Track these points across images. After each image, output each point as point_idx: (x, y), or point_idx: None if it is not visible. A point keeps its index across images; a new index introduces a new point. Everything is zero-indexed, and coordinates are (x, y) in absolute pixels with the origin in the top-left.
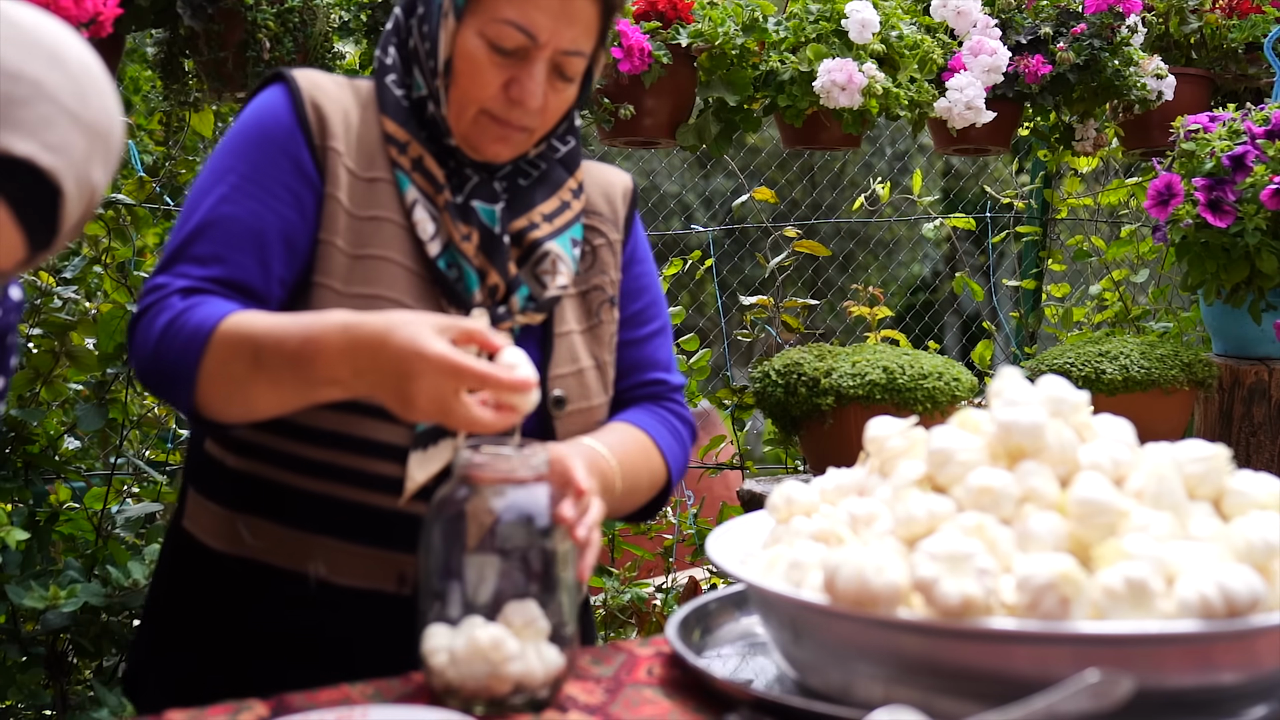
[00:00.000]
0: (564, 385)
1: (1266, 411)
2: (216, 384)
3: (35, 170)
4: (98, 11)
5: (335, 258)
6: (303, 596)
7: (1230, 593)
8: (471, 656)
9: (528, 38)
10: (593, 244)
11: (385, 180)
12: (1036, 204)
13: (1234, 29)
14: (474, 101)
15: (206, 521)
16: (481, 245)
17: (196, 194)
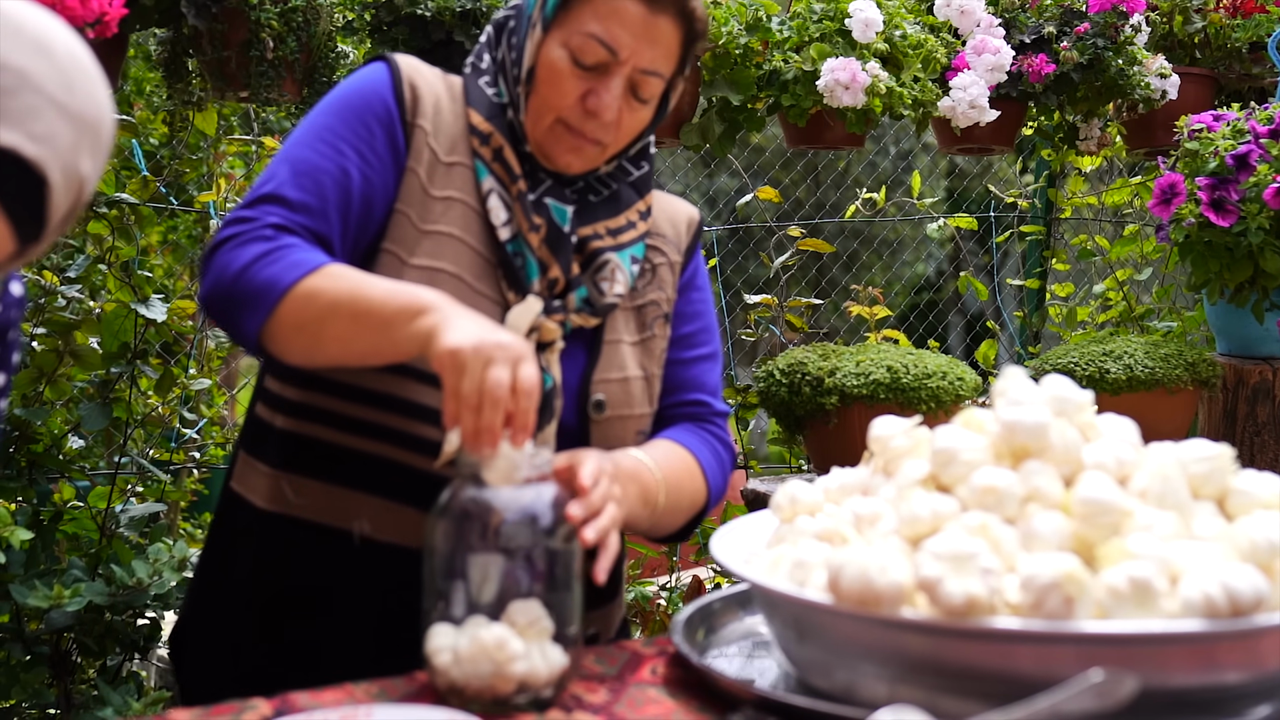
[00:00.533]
0: (606, 390)
1: (1270, 411)
2: (298, 311)
3: (20, 160)
4: (103, 11)
5: (405, 229)
6: (345, 552)
7: (1234, 592)
8: (476, 656)
9: (609, 52)
10: (653, 262)
11: (464, 165)
12: (1040, 203)
13: (1238, 28)
14: (551, 110)
15: (253, 481)
16: (548, 238)
17: (292, 145)
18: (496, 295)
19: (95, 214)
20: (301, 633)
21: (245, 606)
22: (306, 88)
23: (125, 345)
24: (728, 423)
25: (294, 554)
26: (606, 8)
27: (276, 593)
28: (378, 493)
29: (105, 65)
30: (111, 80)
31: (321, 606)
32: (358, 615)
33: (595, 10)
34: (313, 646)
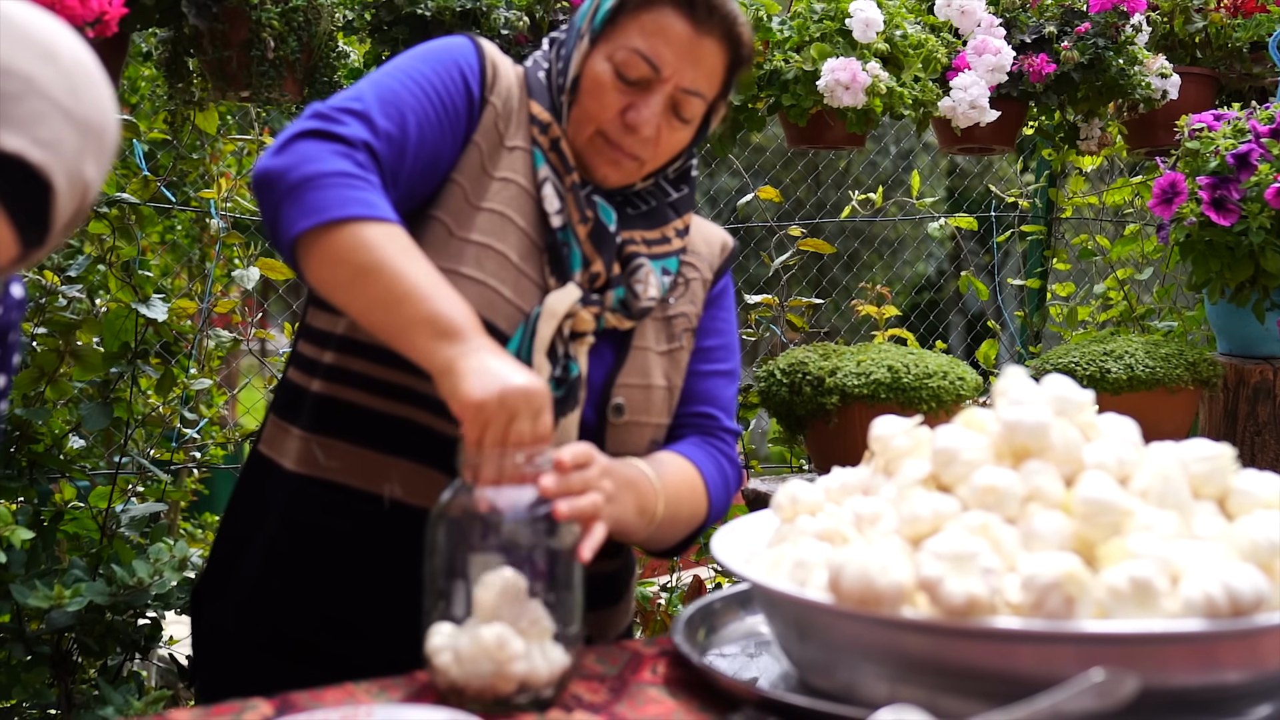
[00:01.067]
0: (627, 395)
1: (1271, 411)
2: (344, 247)
3: (25, 166)
4: (103, 11)
5: (459, 201)
6: (374, 515)
7: (1235, 592)
8: (477, 655)
9: (651, 68)
10: (686, 276)
11: (524, 150)
12: (1041, 203)
13: (1239, 28)
14: (592, 120)
15: (284, 444)
16: (593, 234)
17: (383, 75)
18: (539, 279)
19: (95, 214)
20: (326, 596)
21: (270, 566)
22: (307, 88)
23: (126, 345)
24: (736, 441)
25: (322, 516)
26: (653, 24)
27: (303, 554)
28: (409, 456)
29: (105, 65)
30: (112, 80)
31: (348, 569)
32: (384, 577)
33: (641, 26)
34: (337, 608)
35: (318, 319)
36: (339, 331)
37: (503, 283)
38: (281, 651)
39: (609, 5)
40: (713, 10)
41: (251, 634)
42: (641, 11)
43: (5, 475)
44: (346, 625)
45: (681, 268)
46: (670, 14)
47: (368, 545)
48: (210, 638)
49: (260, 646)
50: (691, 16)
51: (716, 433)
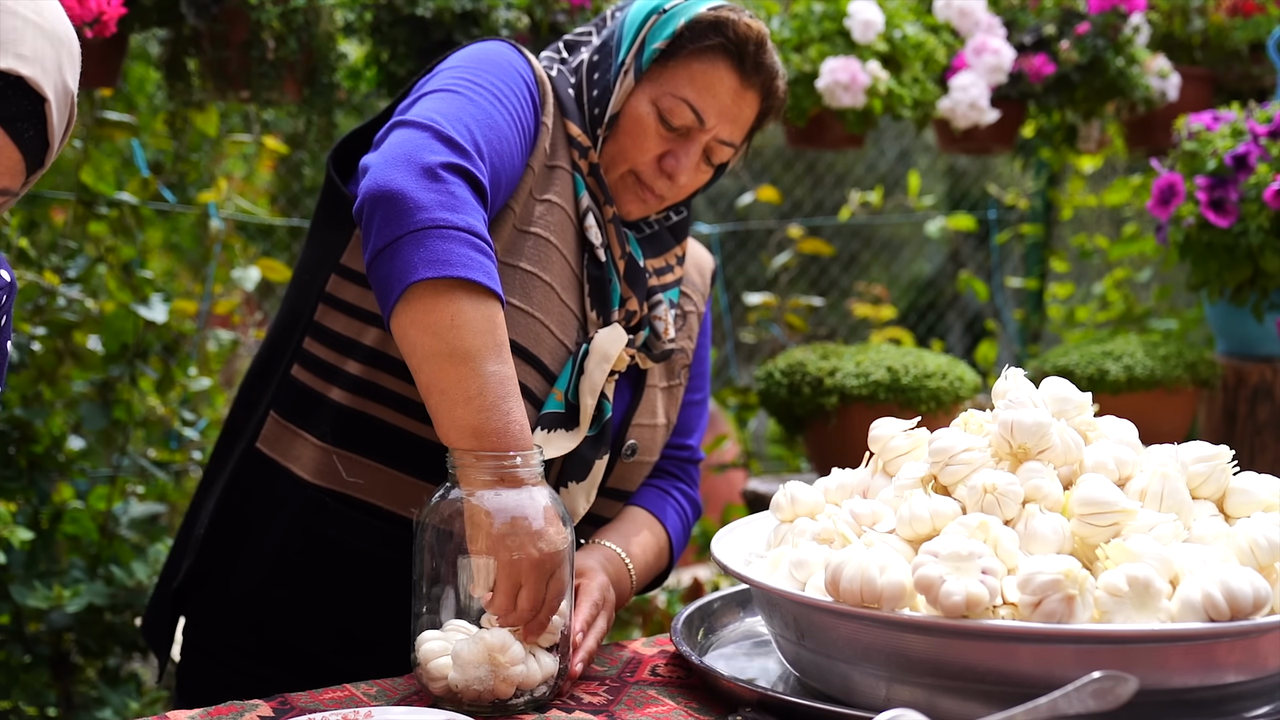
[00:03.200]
0: (640, 436)
1: (1271, 411)
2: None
3: (20, 82)
4: (101, 11)
5: (508, 224)
6: (399, 536)
7: (1234, 593)
8: (478, 660)
9: (696, 119)
10: (684, 310)
11: (564, 170)
12: (1040, 204)
13: (1238, 29)
14: (627, 161)
15: (297, 450)
16: (628, 270)
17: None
18: (578, 311)
19: (95, 215)
20: (336, 610)
21: (269, 574)
22: (307, 88)
23: (125, 346)
24: (698, 470)
25: (341, 532)
26: (703, 75)
27: (315, 567)
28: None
29: (105, 65)
30: (111, 80)
31: (363, 586)
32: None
33: (692, 75)
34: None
35: (334, 320)
36: (367, 342)
37: (548, 315)
38: (278, 660)
39: (658, 45)
40: (760, 66)
41: (246, 639)
42: (693, 60)
43: (5, 475)
44: (354, 640)
45: (680, 299)
46: (722, 66)
47: (386, 565)
48: (197, 641)
49: (254, 653)
50: (740, 70)
51: (685, 466)
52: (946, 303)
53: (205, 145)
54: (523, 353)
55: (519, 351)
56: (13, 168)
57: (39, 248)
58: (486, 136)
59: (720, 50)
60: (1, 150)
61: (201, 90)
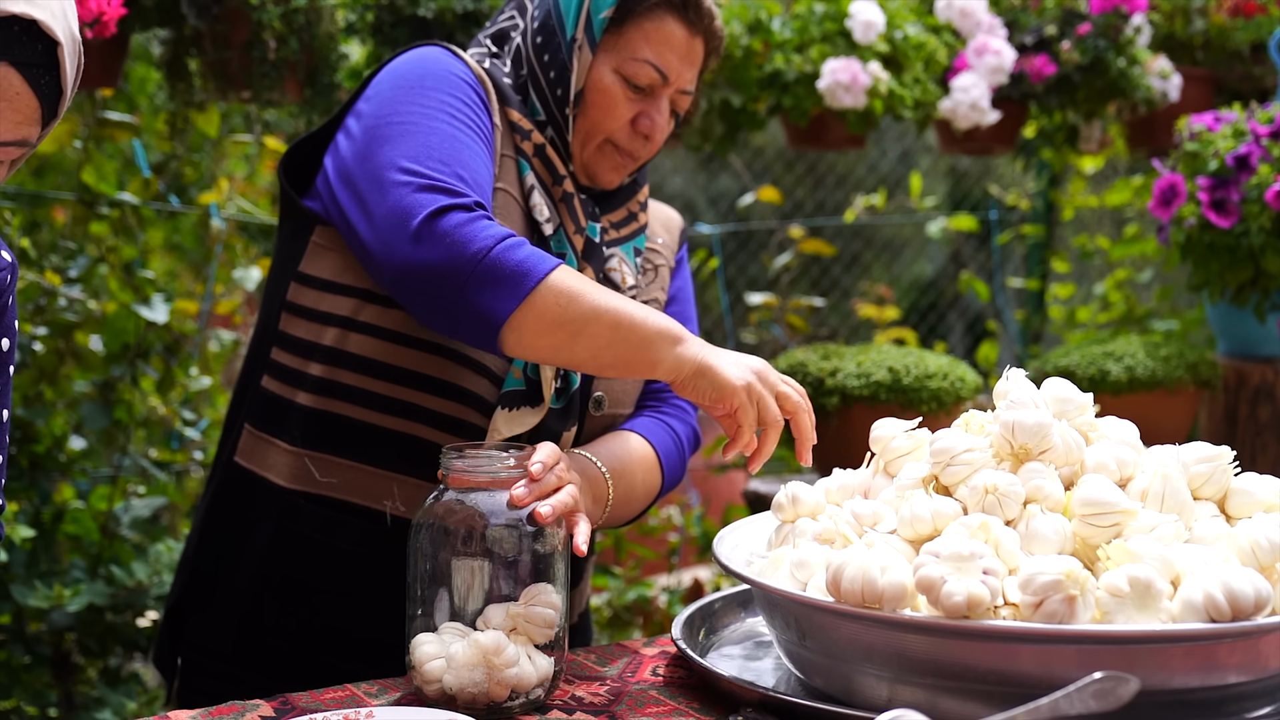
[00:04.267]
0: (606, 388)
1: (1272, 412)
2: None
3: (32, 26)
4: (101, 11)
5: None
6: (375, 531)
7: (1235, 594)
8: (472, 662)
9: (660, 76)
10: (654, 263)
11: (509, 157)
12: (1041, 204)
13: (1239, 29)
14: (602, 132)
15: (271, 458)
16: (585, 250)
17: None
18: None
19: (97, 215)
20: (326, 612)
21: (259, 583)
22: (308, 89)
23: (127, 346)
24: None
25: (320, 533)
26: (658, 33)
27: (300, 571)
28: (411, 472)
29: (105, 65)
30: (112, 80)
31: (349, 585)
32: (386, 592)
33: (646, 35)
34: (338, 623)
35: (296, 327)
36: (325, 343)
37: None
38: (276, 671)
39: (605, 14)
40: (701, 11)
41: (245, 653)
42: (644, 20)
43: (6, 475)
44: (347, 639)
45: (649, 254)
46: (670, 20)
47: (368, 561)
48: (196, 659)
49: (251, 663)
50: (686, 20)
51: (677, 403)
52: (948, 303)
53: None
54: None
55: None
56: (31, 115)
57: (40, 248)
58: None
59: (665, 6)
60: (20, 97)
61: (202, 90)
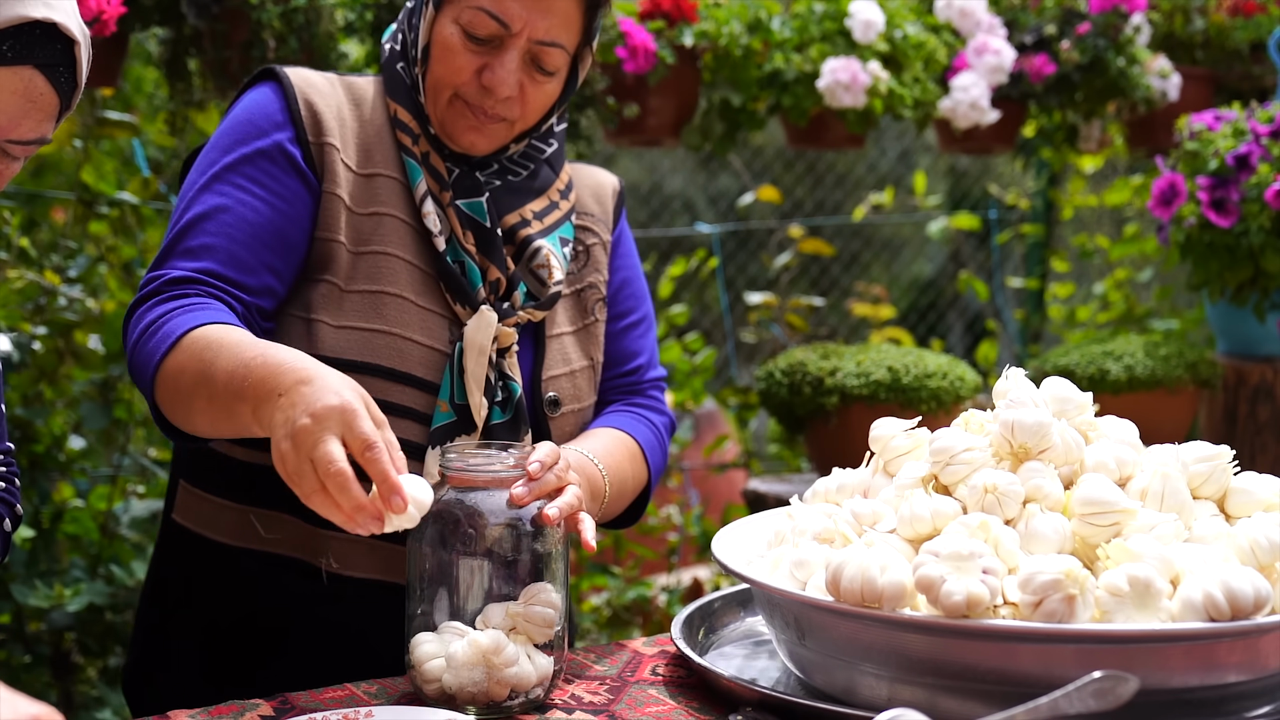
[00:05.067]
0: (557, 386)
1: (1271, 411)
2: (169, 389)
3: (52, 28)
4: (101, 10)
5: (339, 255)
6: (314, 589)
7: (1234, 593)
8: (472, 661)
9: (500, 25)
10: (586, 243)
11: (386, 175)
12: (1041, 204)
13: (1238, 28)
14: (447, 86)
15: (210, 515)
16: (478, 242)
17: (189, 188)
18: (444, 309)
19: (96, 214)
20: (269, 668)
21: (214, 648)
22: None
23: None
24: (664, 389)
25: (265, 588)
26: None
27: (244, 628)
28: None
29: (105, 65)
30: (111, 80)
31: (290, 641)
32: (326, 649)
33: None
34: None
35: None
36: None
37: (407, 328)
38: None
39: None
40: None
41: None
42: None
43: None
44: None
45: (579, 234)
46: None
47: (317, 617)
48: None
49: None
50: None
51: (642, 389)
52: (947, 303)
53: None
54: (391, 374)
55: (388, 374)
56: (52, 112)
57: (40, 247)
58: (206, 231)
59: None
60: (44, 96)
61: (202, 90)
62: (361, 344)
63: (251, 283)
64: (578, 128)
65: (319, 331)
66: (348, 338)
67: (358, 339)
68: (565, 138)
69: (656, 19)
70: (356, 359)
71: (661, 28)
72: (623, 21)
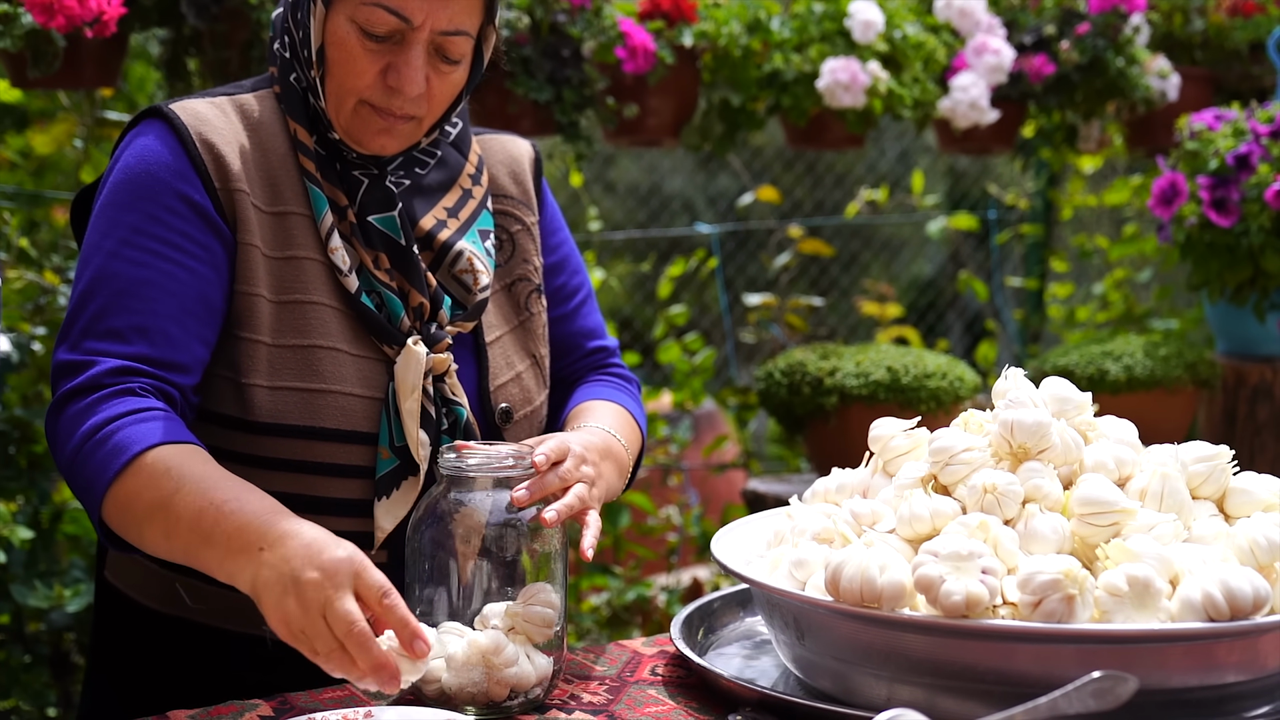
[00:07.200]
0: (505, 395)
1: (1271, 411)
2: (119, 510)
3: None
4: (101, 10)
5: (259, 308)
6: (259, 657)
7: (1234, 593)
8: (471, 662)
9: (401, 21)
10: (509, 230)
11: (296, 213)
12: (1040, 204)
13: (1238, 29)
14: (351, 92)
15: (139, 580)
16: (394, 264)
17: (95, 254)
18: (375, 353)
19: None
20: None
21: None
22: None
23: None
24: (619, 353)
25: (202, 660)
26: None
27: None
28: None
29: (105, 65)
30: (111, 80)
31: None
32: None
33: None
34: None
35: None
36: None
37: (344, 381)
38: None
39: None
40: None
41: None
42: None
43: (5, 475)
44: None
45: (500, 221)
46: None
47: (256, 684)
48: None
49: None
50: None
51: (606, 363)
52: (946, 303)
53: None
54: (336, 434)
55: (332, 435)
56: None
57: (39, 248)
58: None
59: None
60: None
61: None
62: (301, 406)
63: (184, 360)
64: (578, 128)
65: (253, 396)
66: (285, 400)
67: (297, 401)
68: (468, 113)
69: (656, 19)
70: (298, 423)
71: (661, 28)
72: (622, 21)
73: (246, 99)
